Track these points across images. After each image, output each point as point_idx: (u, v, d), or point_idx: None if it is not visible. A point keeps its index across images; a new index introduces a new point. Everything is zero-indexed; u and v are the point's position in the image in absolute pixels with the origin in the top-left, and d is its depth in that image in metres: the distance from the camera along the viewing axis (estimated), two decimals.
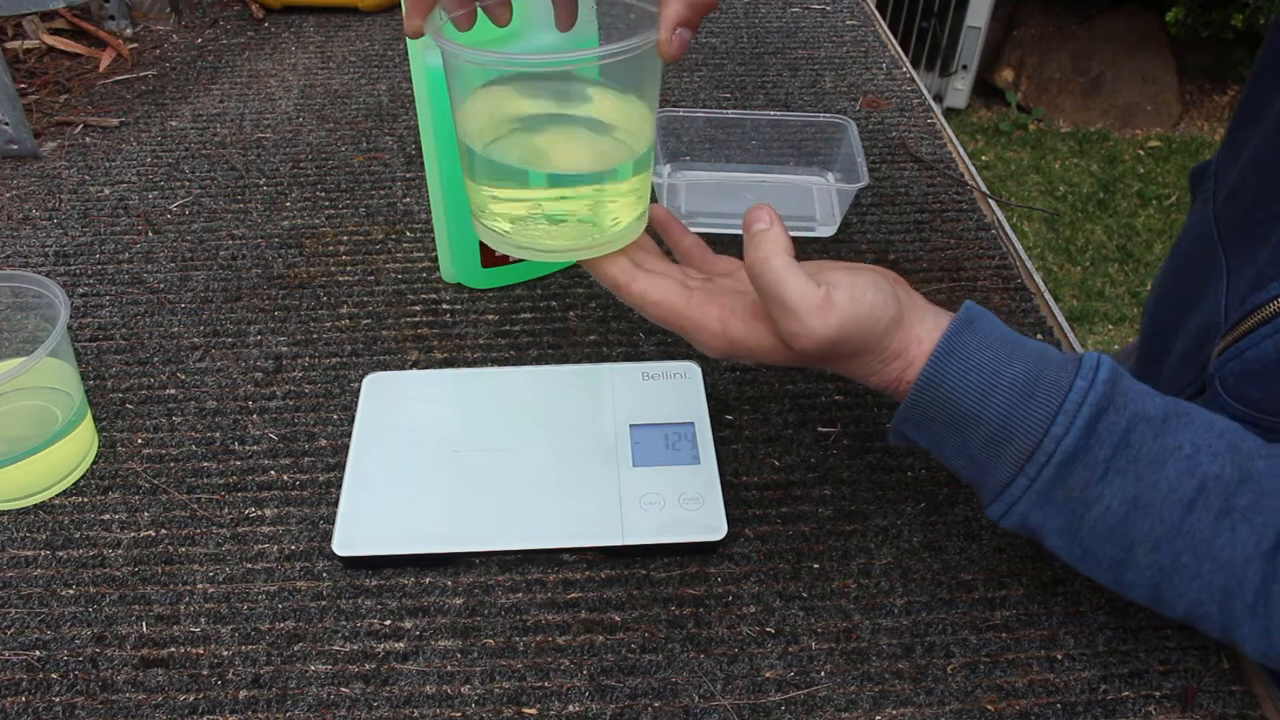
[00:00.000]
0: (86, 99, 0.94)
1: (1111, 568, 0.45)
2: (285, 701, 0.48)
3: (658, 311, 0.49)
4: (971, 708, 0.48)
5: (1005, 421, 0.44)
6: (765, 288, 0.45)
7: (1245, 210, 0.59)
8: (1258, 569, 0.42)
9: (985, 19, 2.70)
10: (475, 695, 0.48)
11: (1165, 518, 0.43)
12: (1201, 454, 0.43)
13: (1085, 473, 0.44)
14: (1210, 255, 0.62)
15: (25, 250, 0.75)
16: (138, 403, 0.63)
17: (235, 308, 0.70)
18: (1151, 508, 0.43)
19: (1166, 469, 0.43)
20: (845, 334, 0.45)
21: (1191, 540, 0.43)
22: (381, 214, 0.79)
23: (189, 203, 0.80)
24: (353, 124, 0.90)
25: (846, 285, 0.45)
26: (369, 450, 0.58)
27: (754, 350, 0.48)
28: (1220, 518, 0.42)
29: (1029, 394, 0.44)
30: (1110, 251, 2.33)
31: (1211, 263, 0.61)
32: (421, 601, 0.52)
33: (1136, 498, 0.43)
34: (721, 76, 0.97)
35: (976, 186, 0.84)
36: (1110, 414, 0.44)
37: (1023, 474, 0.45)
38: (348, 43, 1.03)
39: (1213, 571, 0.43)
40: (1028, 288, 0.73)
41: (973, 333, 0.46)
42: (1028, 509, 0.45)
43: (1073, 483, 0.44)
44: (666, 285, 0.49)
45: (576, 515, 0.55)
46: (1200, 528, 0.43)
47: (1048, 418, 0.43)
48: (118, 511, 0.57)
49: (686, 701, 0.48)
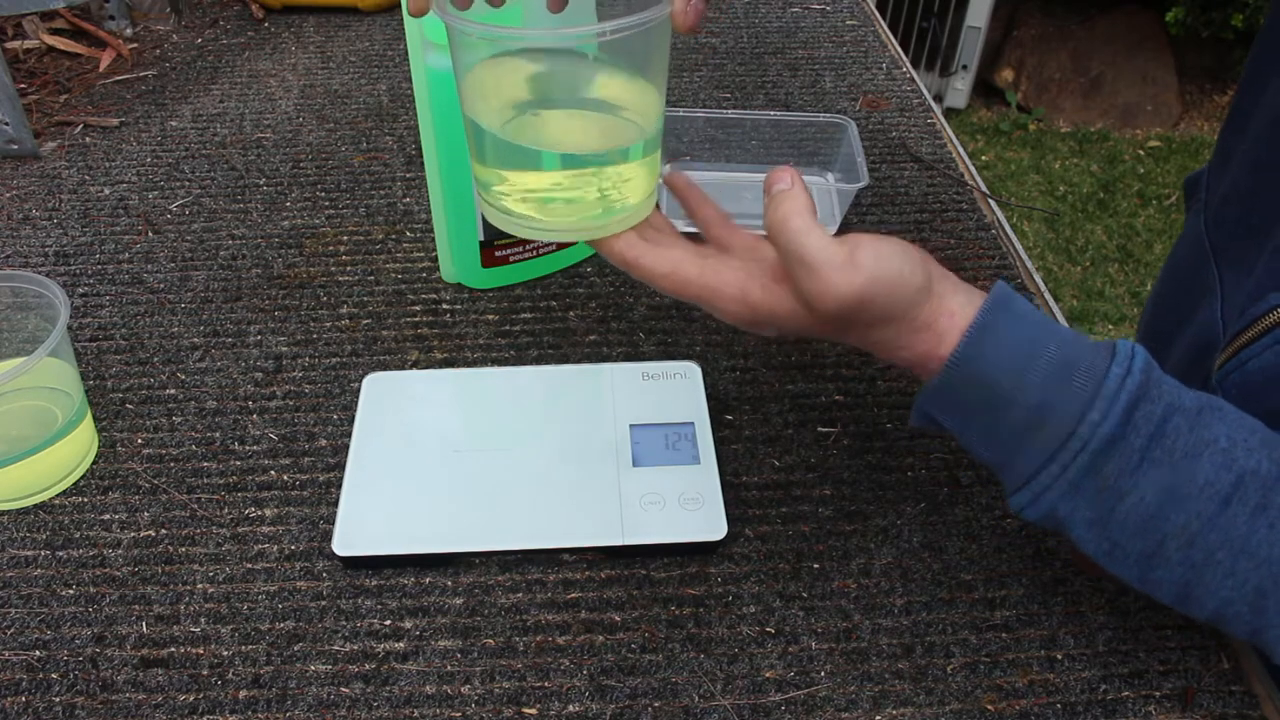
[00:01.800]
0: (86, 99, 0.94)
1: (1140, 563, 0.44)
2: (285, 701, 0.48)
3: (669, 283, 0.47)
4: (971, 708, 0.48)
5: (1040, 405, 0.43)
6: (786, 246, 0.44)
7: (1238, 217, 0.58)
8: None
9: (985, 19, 2.70)
10: (475, 695, 0.48)
11: (1201, 511, 0.41)
12: (1238, 448, 0.42)
13: (1120, 462, 0.42)
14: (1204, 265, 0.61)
15: (25, 250, 0.75)
16: (138, 403, 0.63)
17: (235, 308, 0.70)
18: (1187, 500, 0.41)
19: (1203, 461, 0.42)
20: (870, 295, 0.43)
21: (1227, 535, 0.41)
22: (381, 214, 0.79)
23: (189, 203, 0.80)
24: (353, 124, 0.90)
25: (871, 246, 0.43)
26: (369, 450, 0.58)
27: (775, 315, 0.46)
28: (1258, 513, 0.41)
29: (1066, 378, 0.42)
30: (1110, 251, 2.33)
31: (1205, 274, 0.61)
32: (421, 601, 0.52)
33: (1172, 489, 0.42)
34: (721, 76, 0.97)
35: (976, 186, 0.84)
36: (1146, 403, 0.42)
37: (1055, 461, 0.43)
38: (348, 43, 1.03)
39: (1248, 569, 0.41)
40: (1028, 288, 0.73)
41: (1008, 311, 0.44)
42: (1057, 498, 0.43)
43: (1106, 472, 0.42)
44: (676, 255, 0.48)
45: (576, 515, 0.55)
46: (1237, 523, 0.41)
47: (1085, 403, 0.42)
48: (118, 511, 0.57)
49: (686, 701, 0.48)
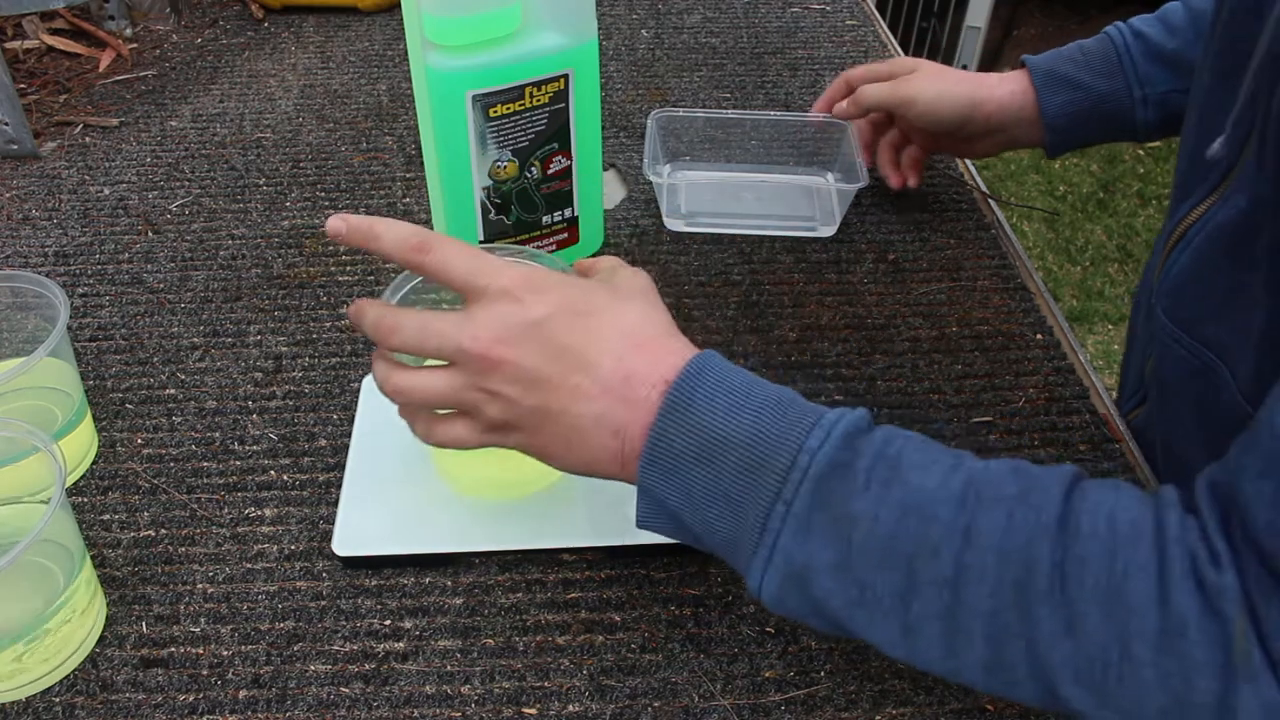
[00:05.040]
0: (86, 99, 0.94)
1: (896, 603, 0.39)
2: (285, 701, 0.48)
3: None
4: (971, 708, 0.48)
5: (755, 441, 0.41)
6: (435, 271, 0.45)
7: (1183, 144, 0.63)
8: (1045, 547, 0.37)
9: (985, 19, 2.70)
10: (475, 695, 0.48)
11: (939, 516, 0.39)
12: (964, 458, 0.41)
13: (846, 485, 0.40)
14: None
15: (25, 250, 0.75)
16: (138, 403, 0.63)
17: (235, 308, 0.70)
18: (923, 509, 0.39)
19: (931, 471, 0.40)
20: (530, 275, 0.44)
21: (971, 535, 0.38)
22: (381, 214, 0.79)
23: (189, 203, 0.80)
24: (353, 124, 0.90)
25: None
26: (369, 450, 0.58)
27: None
28: (994, 506, 0.38)
29: (781, 413, 0.41)
30: (1110, 251, 2.33)
31: None
32: (421, 601, 0.52)
33: (904, 503, 0.39)
34: (721, 76, 0.97)
35: (976, 186, 0.84)
36: (866, 435, 0.41)
37: (779, 499, 0.40)
38: (348, 43, 1.03)
39: (1001, 562, 0.38)
40: (1028, 288, 0.73)
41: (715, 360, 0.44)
42: (791, 545, 0.40)
43: (834, 499, 0.40)
44: None
45: (576, 515, 0.55)
46: (977, 519, 0.38)
47: (803, 432, 0.40)
48: (118, 511, 0.56)
49: (686, 701, 0.48)
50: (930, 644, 0.39)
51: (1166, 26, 0.70)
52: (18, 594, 0.48)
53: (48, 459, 0.48)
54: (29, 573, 0.49)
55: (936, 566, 0.38)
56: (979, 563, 0.38)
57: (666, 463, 0.42)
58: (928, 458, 0.41)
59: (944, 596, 0.38)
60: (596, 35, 0.65)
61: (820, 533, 0.40)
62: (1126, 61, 0.71)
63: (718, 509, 0.42)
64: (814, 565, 0.40)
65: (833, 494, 0.40)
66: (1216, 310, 0.56)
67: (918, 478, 0.40)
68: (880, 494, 0.39)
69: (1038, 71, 0.73)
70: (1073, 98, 0.72)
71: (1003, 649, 0.38)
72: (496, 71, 0.62)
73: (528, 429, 0.45)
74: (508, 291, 0.44)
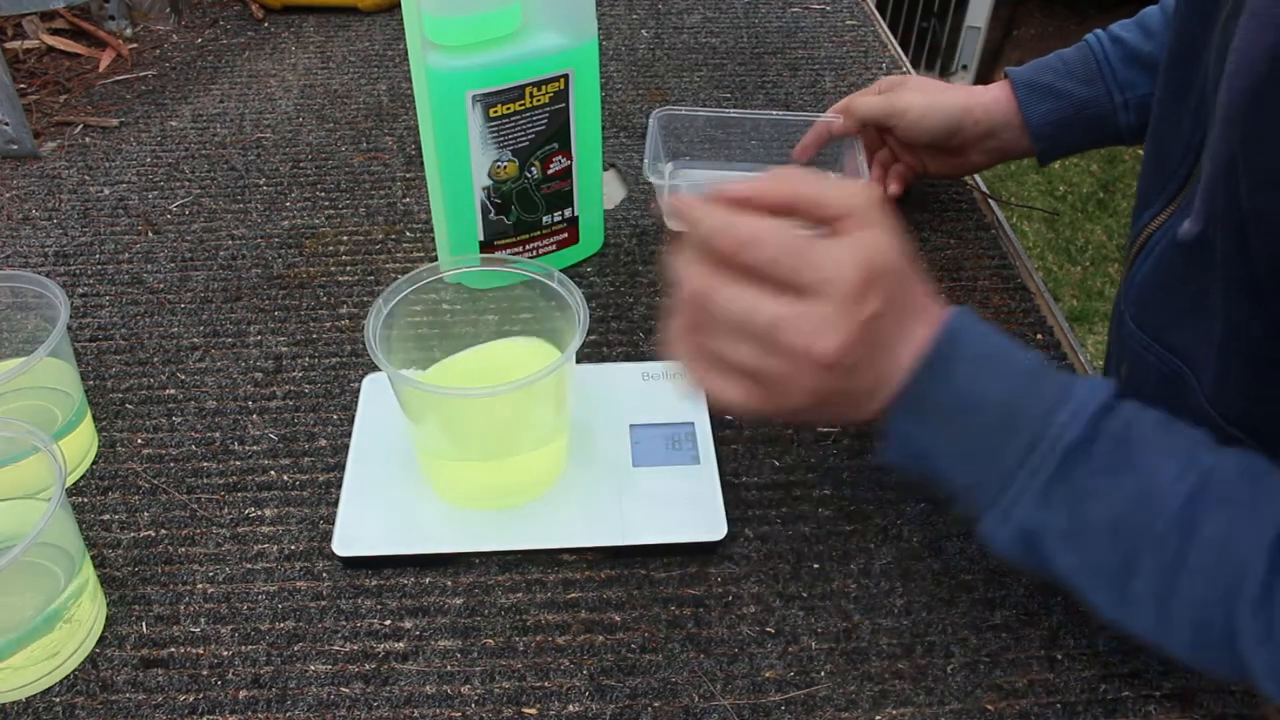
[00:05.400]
0: (86, 99, 0.94)
1: (1115, 577, 0.43)
2: (285, 701, 0.48)
3: None
4: (971, 708, 0.48)
5: (1010, 404, 0.44)
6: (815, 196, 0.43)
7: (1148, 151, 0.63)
8: (1262, 560, 0.41)
9: (985, 19, 2.70)
10: (475, 695, 0.48)
11: (1170, 508, 0.42)
12: (1199, 449, 0.43)
13: (1087, 463, 0.43)
14: None
15: (25, 250, 0.75)
16: (138, 403, 0.63)
17: (235, 308, 0.70)
18: (1153, 500, 0.42)
19: (1168, 462, 0.42)
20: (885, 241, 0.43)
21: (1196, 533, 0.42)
22: (381, 214, 0.79)
23: (189, 203, 0.80)
24: (353, 124, 0.90)
25: None
26: (369, 450, 0.58)
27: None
28: (1222, 507, 0.42)
29: (1035, 381, 0.44)
30: (1110, 251, 2.33)
31: None
32: (421, 601, 0.52)
33: (1138, 490, 0.42)
34: (721, 76, 0.97)
35: (976, 186, 0.84)
36: (1112, 413, 0.43)
37: (1024, 466, 0.43)
38: (348, 43, 1.04)
39: (1219, 564, 0.41)
40: (1028, 288, 0.73)
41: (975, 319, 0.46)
42: (1028, 510, 0.44)
43: (1074, 475, 0.43)
44: None
45: (576, 515, 0.55)
46: (1205, 518, 0.41)
47: (1054, 405, 0.43)
48: (118, 511, 0.57)
49: (686, 701, 0.48)
50: (1142, 619, 0.43)
51: (1144, 30, 0.71)
52: (18, 594, 0.48)
53: (48, 459, 0.48)
54: (29, 573, 0.49)
55: (1159, 555, 0.42)
56: (1199, 561, 0.41)
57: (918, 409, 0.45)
58: (1166, 443, 0.43)
59: (1161, 582, 0.42)
60: (596, 35, 0.65)
61: (1057, 503, 0.43)
62: (1105, 67, 0.71)
63: (964, 461, 0.45)
64: (1046, 531, 0.43)
65: (1074, 469, 0.43)
66: (1179, 317, 0.57)
67: (1153, 466, 0.42)
68: (1119, 478, 0.42)
69: (1019, 83, 0.74)
70: (1055, 106, 0.72)
71: (1207, 640, 0.42)
72: (496, 71, 0.62)
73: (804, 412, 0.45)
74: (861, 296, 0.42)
